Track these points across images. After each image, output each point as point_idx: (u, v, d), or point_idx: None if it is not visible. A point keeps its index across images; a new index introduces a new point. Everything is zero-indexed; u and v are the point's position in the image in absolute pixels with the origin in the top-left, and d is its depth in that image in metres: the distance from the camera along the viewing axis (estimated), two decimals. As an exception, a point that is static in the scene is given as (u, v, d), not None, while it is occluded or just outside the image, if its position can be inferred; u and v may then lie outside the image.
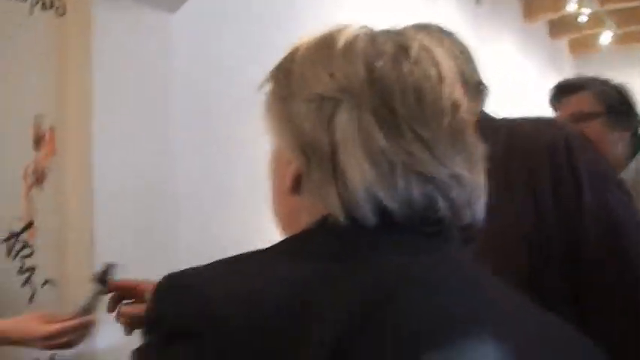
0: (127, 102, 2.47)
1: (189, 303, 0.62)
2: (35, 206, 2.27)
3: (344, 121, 0.67)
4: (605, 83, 2.34)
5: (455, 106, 0.71)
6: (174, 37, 2.67)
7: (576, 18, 7.15)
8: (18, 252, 2.22)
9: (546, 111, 2.47)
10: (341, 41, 0.72)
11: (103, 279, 1.51)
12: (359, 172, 0.66)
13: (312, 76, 0.71)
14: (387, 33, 0.74)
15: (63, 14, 2.40)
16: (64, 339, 1.62)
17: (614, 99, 2.28)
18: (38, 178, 2.29)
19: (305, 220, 0.70)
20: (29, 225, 2.26)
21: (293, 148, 0.70)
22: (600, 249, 1.27)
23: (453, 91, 0.72)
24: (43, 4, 2.34)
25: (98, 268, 1.52)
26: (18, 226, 2.23)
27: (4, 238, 2.18)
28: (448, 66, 0.73)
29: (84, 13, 2.38)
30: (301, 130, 0.69)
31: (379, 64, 0.69)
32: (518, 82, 6.89)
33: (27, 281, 2.24)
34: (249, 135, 3.23)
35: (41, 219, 2.29)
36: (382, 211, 0.66)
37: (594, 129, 2.16)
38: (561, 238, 1.28)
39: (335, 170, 0.67)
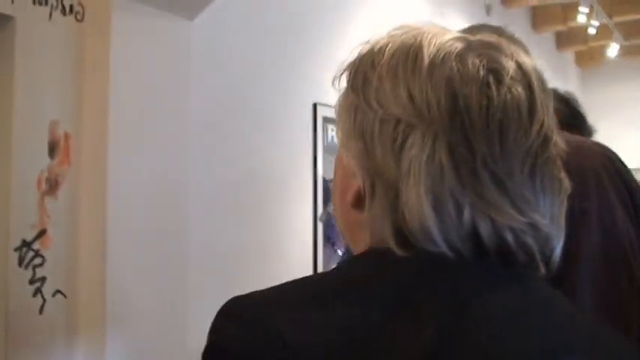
0: (144, 110, 2.43)
1: (261, 338, 0.57)
2: (48, 215, 2.23)
3: (415, 151, 0.61)
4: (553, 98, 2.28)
5: (545, 142, 0.64)
6: (193, 45, 2.63)
7: (584, 30, 7.13)
8: (30, 261, 2.18)
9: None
10: (427, 56, 0.65)
11: None
12: (418, 208, 0.61)
13: (390, 93, 0.64)
14: (481, 47, 0.66)
15: (82, 20, 2.36)
16: None
17: (564, 114, 2.23)
18: (52, 186, 2.25)
19: (365, 236, 0.66)
20: (41, 233, 2.21)
21: (359, 166, 0.65)
22: None
23: (545, 122, 0.65)
24: (63, 9, 2.30)
25: None
26: (30, 235, 2.18)
27: (16, 246, 2.14)
28: (541, 89, 0.66)
29: (103, 19, 2.34)
30: (370, 150, 0.64)
31: (465, 92, 0.62)
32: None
33: (37, 291, 2.20)
34: (263, 142, 3.22)
35: (54, 228, 2.24)
36: (449, 247, 0.61)
37: None
38: None
39: (396, 199, 0.62)
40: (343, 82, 0.73)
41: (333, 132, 3.72)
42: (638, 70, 8.11)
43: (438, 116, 0.62)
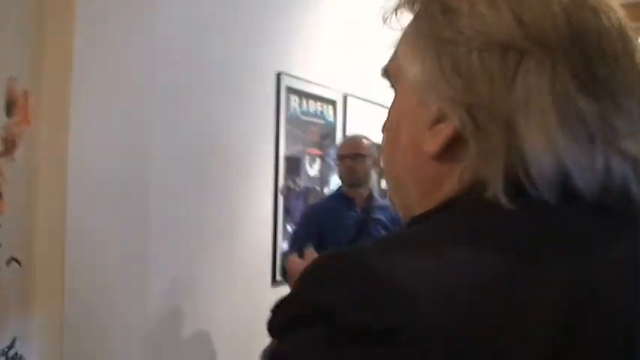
0: (107, 72, 2.29)
1: (386, 295, 0.46)
2: (4, 177, 2.09)
3: (533, 79, 0.55)
4: None
5: None
6: (158, 9, 2.50)
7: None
8: (-17, 226, 2.04)
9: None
10: None
11: None
12: (545, 141, 0.54)
13: (491, 18, 0.57)
14: None
15: (43, -31, 2.20)
16: None
17: None
18: (9, 146, 2.10)
19: (447, 189, 0.58)
20: (-3, 197, 2.07)
21: (453, 105, 0.57)
22: None
23: None
24: (23, -43, 2.14)
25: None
26: (-16, 198, 2.04)
27: (-31, 210, 2.00)
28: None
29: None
30: (469, 85, 0.56)
31: (581, 15, 0.57)
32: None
33: (-9, 258, 2.06)
34: (226, 110, 3.10)
35: (10, 191, 2.10)
36: (568, 191, 0.54)
37: None
38: None
39: (511, 137, 0.54)
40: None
41: (296, 103, 3.63)
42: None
43: (556, 40, 0.56)
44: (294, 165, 3.61)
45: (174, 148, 2.75)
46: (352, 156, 3.11)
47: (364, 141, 3.22)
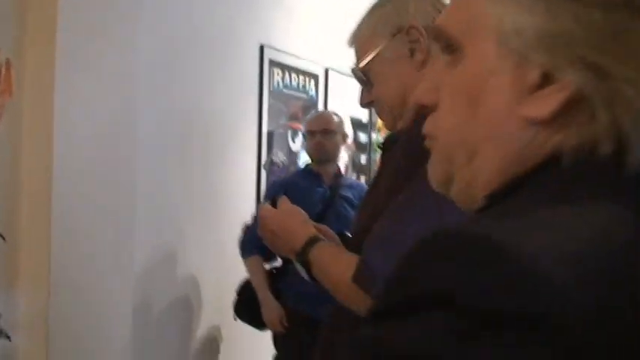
0: (92, 41, 2.22)
1: (524, 277, 0.41)
2: (-13, 149, 2.02)
3: None
4: None
5: None
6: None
7: None
8: (-34, 200, 1.97)
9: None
10: None
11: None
12: None
13: None
14: None
15: None
16: None
17: None
18: (-9, 117, 2.03)
19: (542, 155, 0.54)
20: (-21, 170, 2.01)
21: (576, 65, 0.52)
22: None
23: None
24: None
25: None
26: (-33, 171, 1.97)
27: (-49, 183, 1.93)
28: None
29: None
30: (601, 42, 0.51)
31: None
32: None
33: (-25, 233, 2.00)
34: (209, 83, 3.04)
35: (-7, 164, 2.04)
36: None
37: None
38: None
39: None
40: None
41: (279, 76, 3.58)
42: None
43: None
44: (276, 139, 3.56)
45: (157, 120, 2.69)
46: (321, 131, 3.06)
47: (334, 117, 3.16)
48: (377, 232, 1.23)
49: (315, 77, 3.98)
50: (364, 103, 1.45)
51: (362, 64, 1.41)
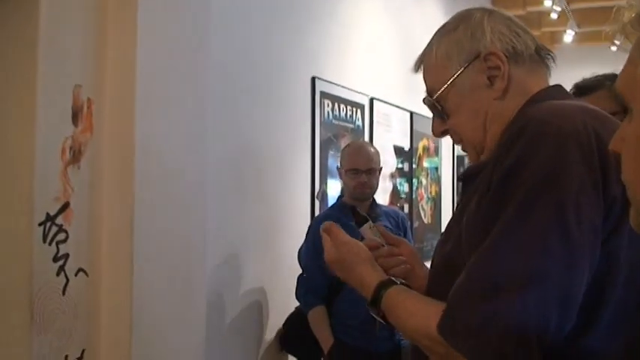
0: (169, 77, 2.26)
1: None
2: (71, 186, 2.05)
3: None
4: None
5: None
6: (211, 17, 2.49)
7: (539, 16, 7.24)
8: (54, 237, 2.00)
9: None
10: None
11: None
12: None
13: None
14: None
15: (103, -25, 2.17)
16: None
17: None
18: (75, 155, 2.07)
19: None
20: (65, 207, 2.03)
21: None
22: None
23: None
24: (85, -37, 2.11)
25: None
26: (54, 208, 2.00)
27: (40, 221, 1.96)
28: None
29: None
30: None
31: None
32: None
33: (61, 270, 2.02)
34: (265, 116, 3.08)
35: (76, 200, 2.06)
36: None
37: None
38: None
39: None
40: None
41: (329, 107, 3.61)
42: (587, 56, 8.30)
43: None
44: (329, 169, 3.59)
45: (222, 152, 2.74)
46: (367, 171, 3.02)
47: (372, 150, 3.13)
48: (463, 278, 1.11)
49: (361, 107, 4.02)
50: (438, 132, 1.37)
51: (435, 95, 1.31)
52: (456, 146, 5.82)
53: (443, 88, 1.29)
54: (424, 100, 1.36)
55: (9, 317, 1.94)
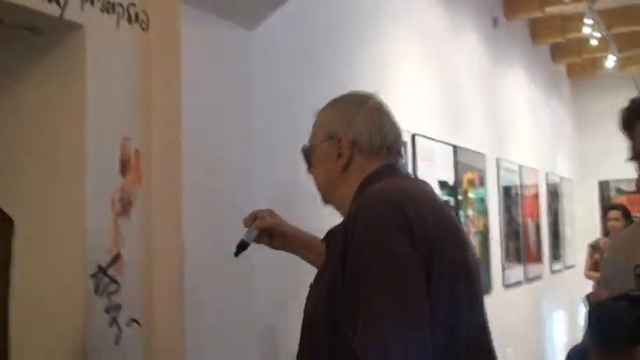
0: (212, 125, 2.29)
1: None
2: (122, 237, 2.08)
3: None
4: None
5: None
6: (255, 54, 2.52)
7: (579, 42, 7.18)
8: (105, 288, 2.02)
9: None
10: None
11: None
12: None
13: None
14: None
15: (146, 29, 2.22)
16: None
17: None
18: (125, 206, 2.09)
19: None
20: (116, 258, 2.05)
21: None
22: None
23: None
24: (129, 17, 2.16)
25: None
26: (105, 260, 2.02)
27: (92, 272, 1.98)
28: None
29: (169, 28, 2.20)
30: None
31: None
32: (526, 103, 6.90)
33: (113, 321, 2.03)
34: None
35: (127, 251, 2.08)
36: None
37: None
38: None
39: None
40: None
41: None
42: (628, 80, 8.18)
43: None
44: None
45: (272, 199, 2.74)
46: None
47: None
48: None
49: (404, 143, 4.01)
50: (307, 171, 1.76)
51: (306, 148, 1.74)
52: (501, 177, 5.77)
53: (310, 146, 1.72)
54: (302, 148, 1.75)
55: (64, 370, 1.96)
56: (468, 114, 5.16)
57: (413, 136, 4.11)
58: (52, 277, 1.99)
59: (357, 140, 1.61)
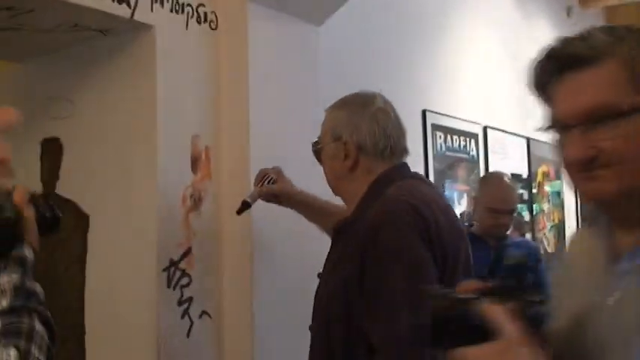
0: (278, 120, 2.32)
1: None
2: (193, 232, 2.13)
3: None
4: None
5: None
6: (320, 50, 2.53)
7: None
8: (177, 281, 2.07)
9: None
10: None
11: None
12: None
13: None
14: None
15: (215, 28, 2.26)
16: None
17: None
18: (196, 201, 2.15)
19: None
20: (187, 252, 2.11)
21: None
22: None
23: None
24: (198, 18, 2.21)
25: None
26: (177, 254, 2.08)
27: (165, 266, 2.04)
28: None
29: (237, 27, 2.24)
30: None
31: None
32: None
33: (185, 313, 2.09)
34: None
35: (198, 245, 2.14)
36: None
37: None
38: None
39: None
40: None
41: (441, 139, 3.58)
42: None
43: None
44: (444, 202, 3.54)
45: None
46: (509, 211, 2.91)
47: (514, 189, 3.02)
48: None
49: (475, 136, 3.95)
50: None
51: (316, 147, 1.81)
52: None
53: (319, 146, 1.80)
54: (312, 143, 1.84)
55: (137, 359, 2.02)
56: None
57: (485, 129, 4.05)
58: (125, 270, 2.06)
59: (362, 143, 1.69)
